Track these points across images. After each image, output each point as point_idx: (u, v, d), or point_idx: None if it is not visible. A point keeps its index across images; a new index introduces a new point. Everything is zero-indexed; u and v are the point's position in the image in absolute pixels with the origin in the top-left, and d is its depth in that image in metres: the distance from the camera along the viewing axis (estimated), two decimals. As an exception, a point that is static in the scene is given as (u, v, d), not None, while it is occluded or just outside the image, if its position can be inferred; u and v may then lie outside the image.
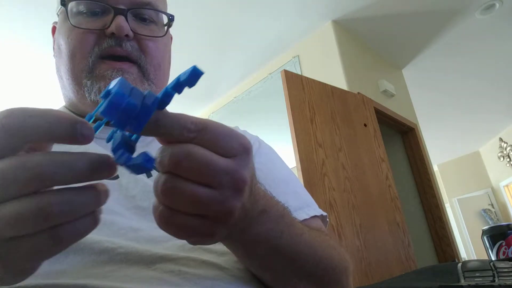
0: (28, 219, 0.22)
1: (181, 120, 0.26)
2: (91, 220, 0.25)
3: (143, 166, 0.25)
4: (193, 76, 0.25)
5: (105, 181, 0.26)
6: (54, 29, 0.63)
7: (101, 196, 0.25)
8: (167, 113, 0.26)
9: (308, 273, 0.43)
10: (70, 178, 0.23)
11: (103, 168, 0.25)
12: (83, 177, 0.24)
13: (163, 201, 0.26)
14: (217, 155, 0.27)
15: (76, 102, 0.57)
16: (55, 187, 0.24)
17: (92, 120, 0.28)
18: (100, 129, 0.29)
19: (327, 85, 2.38)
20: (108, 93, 0.24)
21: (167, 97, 0.26)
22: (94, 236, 0.41)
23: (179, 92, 0.26)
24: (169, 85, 0.26)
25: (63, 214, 0.23)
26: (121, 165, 0.25)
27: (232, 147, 0.28)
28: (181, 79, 0.26)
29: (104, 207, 0.26)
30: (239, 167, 0.28)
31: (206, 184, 0.26)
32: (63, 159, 0.23)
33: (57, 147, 0.25)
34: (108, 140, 0.27)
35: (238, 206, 0.28)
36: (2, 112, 0.23)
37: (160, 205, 0.26)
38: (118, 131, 0.27)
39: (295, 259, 0.41)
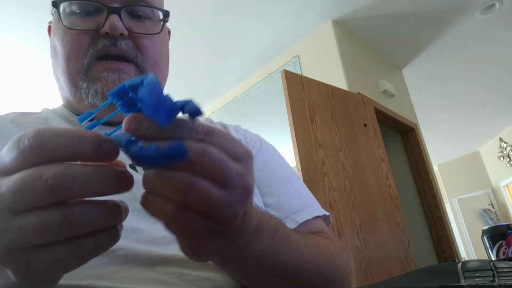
0: (52, 228, 0.23)
1: (189, 122, 0.26)
2: (112, 234, 0.26)
3: (180, 154, 0.23)
4: (193, 112, 0.26)
5: None
6: (50, 29, 0.61)
7: (121, 211, 0.26)
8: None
9: (307, 287, 0.42)
10: (88, 192, 0.24)
11: (122, 184, 0.25)
12: (100, 193, 0.24)
13: (176, 197, 0.25)
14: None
15: (74, 103, 0.56)
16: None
17: (90, 118, 0.28)
18: (96, 127, 0.29)
19: (327, 85, 2.38)
20: (136, 85, 0.25)
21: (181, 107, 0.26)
22: None
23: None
24: (183, 101, 0.26)
25: (85, 224, 0.24)
26: (144, 158, 0.24)
27: (238, 152, 0.27)
28: (185, 110, 0.26)
29: None
30: (247, 172, 0.27)
31: (218, 185, 0.25)
32: (79, 173, 0.23)
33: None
34: None
35: (241, 213, 0.28)
36: (30, 132, 0.23)
37: (168, 202, 0.25)
38: (111, 134, 0.26)
39: (293, 274, 0.40)
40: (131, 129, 0.25)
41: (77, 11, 0.53)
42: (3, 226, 0.23)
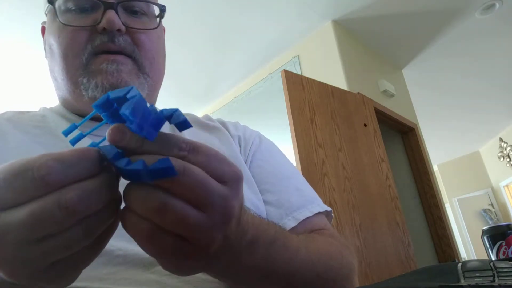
0: (77, 243, 0.24)
1: (173, 137, 0.26)
2: (117, 220, 0.28)
3: (167, 170, 0.23)
4: (182, 125, 0.26)
5: None
6: (43, 29, 0.61)
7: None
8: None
9: None
10: (103, 204, 0.25)
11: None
12: (110, 199, 0.25)
13: (150, 217, 0.24)
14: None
15: (72, 101, 0.55)
16: None
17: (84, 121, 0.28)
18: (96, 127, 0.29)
19: (327, 85, 2.38)
20: (120, 98, 0.25)
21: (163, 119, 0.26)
22: None
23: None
24: (168, 110, 0.26)
25: (103, 227, 0.26)
26: (130, 173, 0.24)
27: (224, 172, 0.27)
28: (172, 121, 0.26)
29: None
30: (230, 195, 0.26)
31: (196, 206, 0.25)
32: (92, 190, 0.24)
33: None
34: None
35: (220, 237, 0.27)
36: (37, 162, 0.23)
37: (143, 221, 0.25)
38: (98, 145, 0.26)
39: (291, 280, 0.39)
40: (113, 140, 0.24)
41: (72, 8, 0.52)
42: (21, 257, 0.23)
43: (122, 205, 0.27)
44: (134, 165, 0.24)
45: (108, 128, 0.25)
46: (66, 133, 0.27)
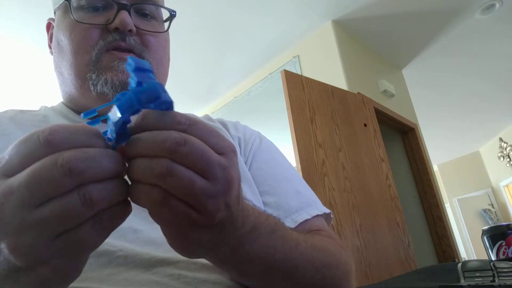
0: (75, 211, 0.23)
1: (173, 113, 0.27)
2: (125, 205, 0.27)
3: (151, 89, 0.26)
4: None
5: None
6: (49, 25, 0.62)
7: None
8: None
9: (306, 285, 0.42)
10: (102, 173, 0.24)
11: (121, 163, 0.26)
12: (113, 173, 0.25)
13: (159, 183, 0.25)
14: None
15: (78, 97, 0.55)
16: None
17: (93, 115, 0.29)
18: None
19: (327, 85, 2.38)
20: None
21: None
22: None
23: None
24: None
25: (103, 201, 0.24)
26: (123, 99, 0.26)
27: (220, 145, 0.28)
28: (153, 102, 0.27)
29: None
30: (229, 165, 0.28)
31: (201, 174, 0.26)
32: (92, 155, 0.24)
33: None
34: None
35: (223, 206, 0.28)
36: (42, 129, 0.24)
37: (154, 188, 0.25)
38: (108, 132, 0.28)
39: (290, 273, 0.40)
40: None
41: (85, 6, 0.54)
42: (23, 224, 0.23)
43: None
44: (124, 95, 0.27)
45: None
46: (86, 115, 0.29)
